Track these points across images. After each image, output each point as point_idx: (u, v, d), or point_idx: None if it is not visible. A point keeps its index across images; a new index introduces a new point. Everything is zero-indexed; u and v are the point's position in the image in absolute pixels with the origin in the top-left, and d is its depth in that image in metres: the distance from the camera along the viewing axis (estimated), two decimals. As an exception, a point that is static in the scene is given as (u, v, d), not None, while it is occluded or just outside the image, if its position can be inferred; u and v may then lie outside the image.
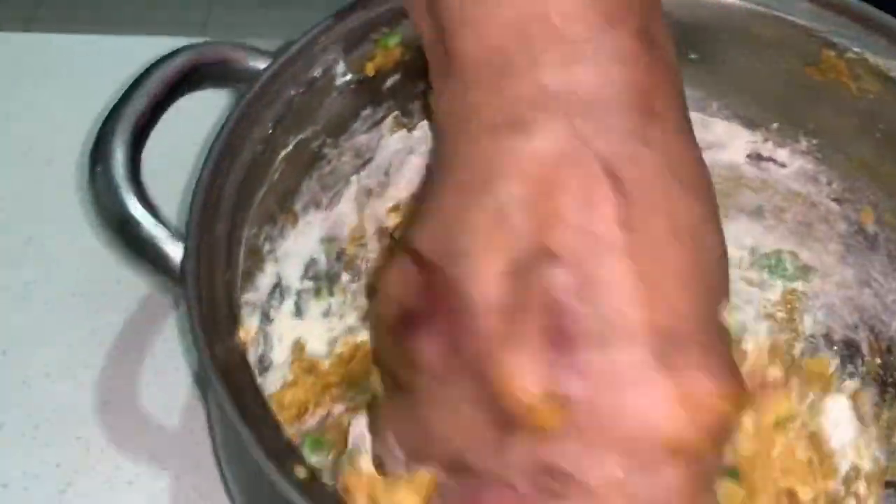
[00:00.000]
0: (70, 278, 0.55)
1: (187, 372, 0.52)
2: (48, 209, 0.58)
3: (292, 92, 0.43)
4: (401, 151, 0.49)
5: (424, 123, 0.48)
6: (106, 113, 0.41)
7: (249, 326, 0.39)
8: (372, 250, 0.51)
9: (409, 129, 0.48)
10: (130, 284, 0.54)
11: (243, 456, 0.36)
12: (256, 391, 0.36)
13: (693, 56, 0.49)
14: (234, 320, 0.37)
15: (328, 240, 0.49)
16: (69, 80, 0.64)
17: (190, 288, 0.37)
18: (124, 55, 0.58)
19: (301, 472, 0.33)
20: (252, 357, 0.43)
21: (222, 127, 0.40)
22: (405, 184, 0.49)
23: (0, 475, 0.48)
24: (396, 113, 0.48)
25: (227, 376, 0.35)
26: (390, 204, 0.49)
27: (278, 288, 0.46)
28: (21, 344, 0.53)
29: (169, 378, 0.52)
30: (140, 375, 0.52)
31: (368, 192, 0.49)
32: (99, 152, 0.40)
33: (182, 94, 0.43)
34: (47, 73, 0.64)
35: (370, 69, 0.45)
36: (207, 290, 0.37)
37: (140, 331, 0.53)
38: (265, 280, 0.46)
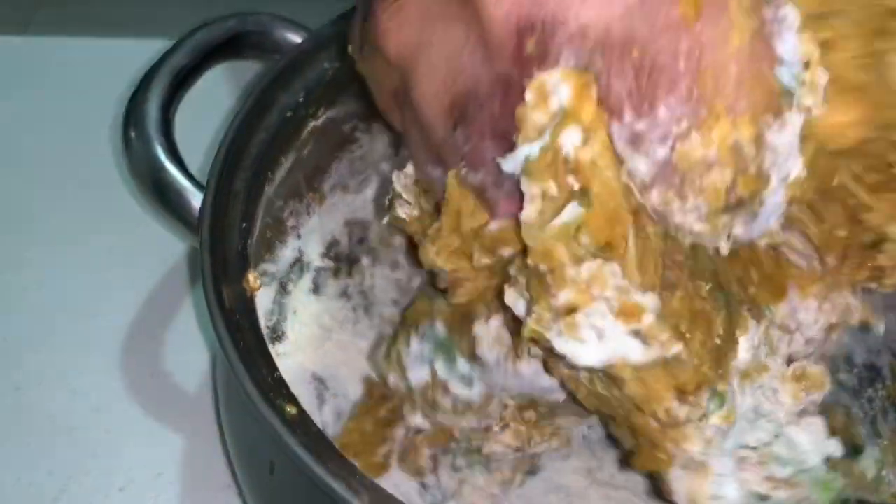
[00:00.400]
0: (62, 285, 0.55)
1: (193, 371, 0.52)
2: (41, 216, 0.58)
3: (325, 65, 0.44)
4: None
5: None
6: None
7: (257, 275, 0.39)
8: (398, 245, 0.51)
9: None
10: (122, 293, 0.55)
11: (238, 401, 0.36)
12: (258, 333, 0.36)
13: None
14: (244, 267, 0.38)
15: (352, 223, 0.49)
16: (66, 84, 0.64)
17: (204, 234, 0.37)
18: (122, 58, 0.58)
19: (292, 410, 0.34)
20: (265, 324, 0.44)
21: (253, 87, 0.41)
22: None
23: (-7, 481, 0.48)
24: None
25: (229, 315, 0.36)
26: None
27: (299, 263, 0.47)
28: (13, 351, 0.53)
29: (174, 380, 0.52)
30: (138, 381, 0.52)
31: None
32: (135, 108, 0.42)
33: (219, 62, 0.44)
34: (44, 76, 0.64)
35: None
36: (220, 236, 0.38)
37: (138, 335, 0.54)
38: (286, 253, 0.46)
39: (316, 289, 0.48)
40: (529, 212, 0.31)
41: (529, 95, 0.31)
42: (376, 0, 0.35)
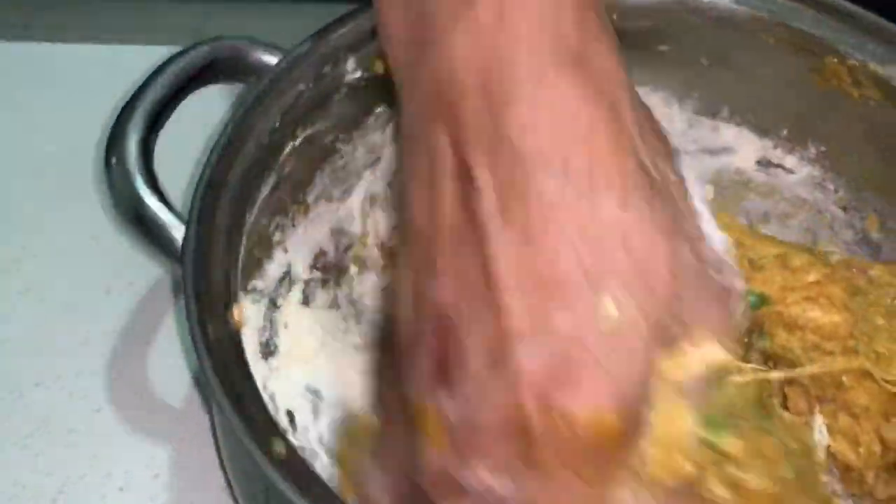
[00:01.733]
0: (61, 288, 0.56)
1: (184, 377, 0.53)
2: (40, 219, 0.58)
3: (301, 87, 0.45)
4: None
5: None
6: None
7: (249, 310, 0.40)
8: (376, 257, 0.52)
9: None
10: (120, 294, 0.55)
11: (232, 436, 0.37)
12: (244, 369, 0.37)
13: (704, 61, 0.50)
14: (228, 301, 0.39)
15: (337, 232, 0.50)
16: (64, 90, 0.64)
17: (186, 268, 0.38)
18: (119, 64, 0.58)
19: (280, 447, 0.35)
20: (257, 340, 0.45)
21: (229, 118, 0.42)
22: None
23: (-9, 484, 0.49)
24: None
25: (215, 353, 0.37)
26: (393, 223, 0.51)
27: (287, 277, 0.48)
28: (12, 354, 0.53)
29: (165, 385, 0.53)
30: (135, 382, 0.53)
31: (373, 200, 0.50)
32: (114, 142, 0.43)
33: (196, 89, 0.45)
34: (42, 82, 0.64)
35: (379, 67, 0.47)
36: (204, 270, 0.39)
37: (133, 336, 0.54)
38: (274, 268, 0.47)
39: (306, 301, 0.49)
40: None
41: None
42: None
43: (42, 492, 0.49)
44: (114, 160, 0.42)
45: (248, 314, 0.43)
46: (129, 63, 0.52)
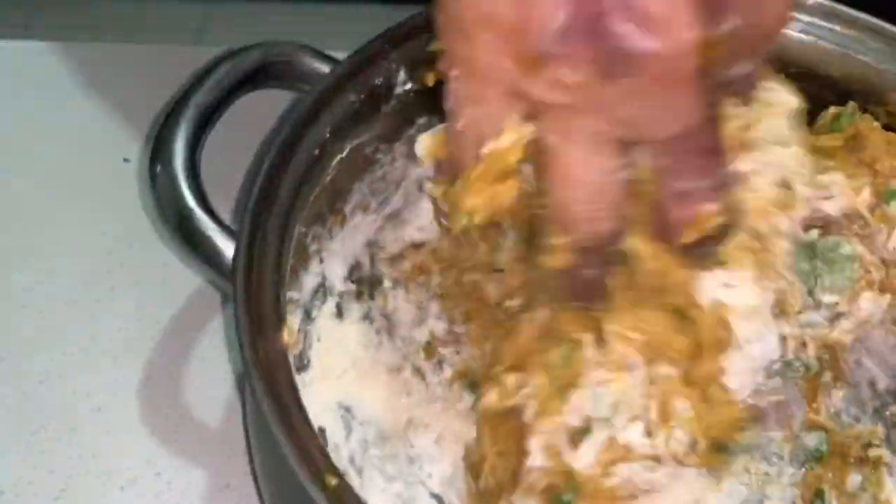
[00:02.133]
0: (66, 286, 0.55)
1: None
2: (46, 216, 0.58)
3: (352, 98, 0.44)
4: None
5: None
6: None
7: (293, 326, 0.39)
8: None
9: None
10: (125, 292, 0.55)
11: (275, 458, 0.36)
12: (295, 393, 0.36)
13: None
14: (278, 321, 0.38)
15: (372, 244, 0.49)
16: (68, 87, 0.63)
17: (238, 287, 0.37)
18: (121, 62, 0.58)
19: (332, 481, 0.34)
20: (291, 353, 0.44)
21: (280, 128, 0.41)
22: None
23: (-5, 481, 0.49)
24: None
25: (268, 376, 0.36)
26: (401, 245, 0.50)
27: (322, 288, 0.47)
28: (17, 351, 0.53)
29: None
30: (136, 382, 0.53)
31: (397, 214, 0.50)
32: (160, 148, 0.41)
33: (244, 93, 0.44)
34: (44, 80, 0.64)
35: (430, 79, 0.46)
36: (255, 289, 0.38)
37: (135, 336, 0.54)
38: (310, 279, 0.46)
39: (339, 313, 0.48)
40: None
41: None
42: None
43: (45, 489, 0.49)
44: (158, 168, 0.41)
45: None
46: (132, 60, 0.54)
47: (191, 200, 0.40)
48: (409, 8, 0.44)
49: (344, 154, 0.44)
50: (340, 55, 0.45)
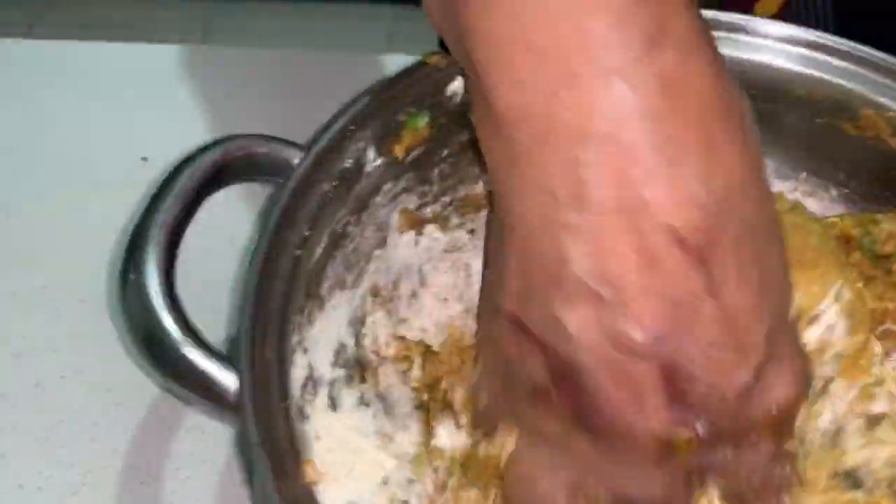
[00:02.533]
0: (82, 282, 0.55)
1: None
2: (57, 215, 0.58)
3: (325, 187, 0.41)
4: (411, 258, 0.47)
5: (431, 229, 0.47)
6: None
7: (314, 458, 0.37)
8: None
9: (419, 234, 0.47)
10: None
11: None
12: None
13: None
14: (297, 455, 0.35)
15: (355, 322, 0.47)
16: (70, 87, 0.64)
17: (251, 430, 0.34)
18: (126, 62, 0.59)
19: None
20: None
21: (259, 244, 0.38)
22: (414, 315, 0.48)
23: (15, 476, 0.49)
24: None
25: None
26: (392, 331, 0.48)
27: (310, 380, 0.44)
28: (35, 347, 0.53)
29: None
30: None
31: (377, 292, 0.47)
32: (131, 266, 0.38)
33: (209, 195, 0.40)
34: (49, 79, 0.64)
35: (399, 151, 0.43)
36: (266, 425, 0.35)
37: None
38: (298, 373, 0.43)
39: (333, 405, 0.45)
40: None
41: None
42: None
43: (64, 483, 0.49)
44: (132, 298, 0.37)
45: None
46: (135, 61, 0.55)
47: (176, 334, 0.37)
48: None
49: (324, 244, 0.42)
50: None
